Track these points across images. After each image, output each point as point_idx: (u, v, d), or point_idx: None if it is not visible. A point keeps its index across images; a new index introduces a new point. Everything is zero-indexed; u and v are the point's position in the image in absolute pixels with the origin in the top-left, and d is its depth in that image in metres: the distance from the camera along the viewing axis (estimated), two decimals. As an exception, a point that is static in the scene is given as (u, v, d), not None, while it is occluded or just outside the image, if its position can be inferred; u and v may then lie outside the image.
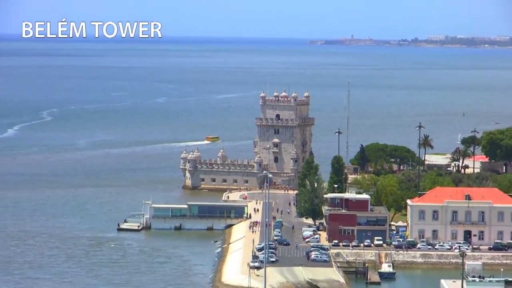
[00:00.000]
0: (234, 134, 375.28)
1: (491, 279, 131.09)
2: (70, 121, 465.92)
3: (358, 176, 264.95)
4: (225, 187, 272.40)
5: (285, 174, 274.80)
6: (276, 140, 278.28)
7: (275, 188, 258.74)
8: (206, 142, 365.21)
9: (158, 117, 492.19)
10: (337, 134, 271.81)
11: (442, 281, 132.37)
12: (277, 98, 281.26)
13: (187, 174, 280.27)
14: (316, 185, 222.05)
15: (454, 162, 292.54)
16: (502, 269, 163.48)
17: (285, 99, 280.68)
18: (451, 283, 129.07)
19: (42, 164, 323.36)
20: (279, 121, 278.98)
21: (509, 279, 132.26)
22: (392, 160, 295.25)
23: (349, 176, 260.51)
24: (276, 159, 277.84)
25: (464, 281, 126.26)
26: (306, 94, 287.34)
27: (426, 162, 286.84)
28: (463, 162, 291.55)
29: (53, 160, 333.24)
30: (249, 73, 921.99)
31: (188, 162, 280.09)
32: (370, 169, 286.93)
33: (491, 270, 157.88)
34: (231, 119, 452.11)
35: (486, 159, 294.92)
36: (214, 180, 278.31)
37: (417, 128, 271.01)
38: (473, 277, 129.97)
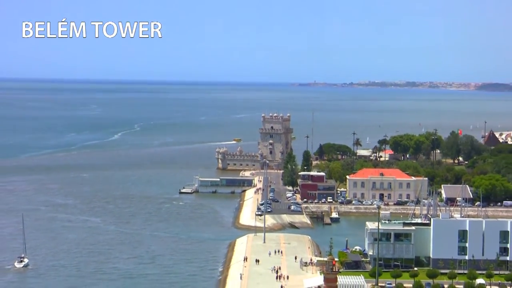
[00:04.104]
0: (247, 137, 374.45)
1: (395, 221, 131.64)
2: (149, 130, 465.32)
3: (318, 162, 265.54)
4: (241, 168, 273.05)
5: (276, 161, 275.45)
6: (271, 141, 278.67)
7: (270, 169, 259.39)
8: (233, 142, 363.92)
9: (201, 128, 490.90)
10: (306, 138, 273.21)
11: (367, 223, 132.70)
12: (271, 117, 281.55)
13: (219, 161, 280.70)
14: (293, 167, 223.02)
15: (374, 154, 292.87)
16: (401, 216, 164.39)
17: (276, 117, 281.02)
18: (372, 224, 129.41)
19: (133, 156, 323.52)
20: (272, 130, 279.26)
21: (405, 221, 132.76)
22: (338, 153, 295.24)
23: (313, 162, 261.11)
24: (271, 152, 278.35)
25: (380, 223, 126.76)
26: (288, 114, 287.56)
27: (357, 154, 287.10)
28: (378, 154, 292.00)
29: (140, 153, 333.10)
30: (254, 102, 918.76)
31: (220, 154, 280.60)
32: (325, 158, 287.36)
33: (395, 216, 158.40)
34: (244, 129, 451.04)
35: (392, 152, 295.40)
36: (235, 164, 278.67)
37: (352, 134, 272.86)
38: (385, 220, 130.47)
